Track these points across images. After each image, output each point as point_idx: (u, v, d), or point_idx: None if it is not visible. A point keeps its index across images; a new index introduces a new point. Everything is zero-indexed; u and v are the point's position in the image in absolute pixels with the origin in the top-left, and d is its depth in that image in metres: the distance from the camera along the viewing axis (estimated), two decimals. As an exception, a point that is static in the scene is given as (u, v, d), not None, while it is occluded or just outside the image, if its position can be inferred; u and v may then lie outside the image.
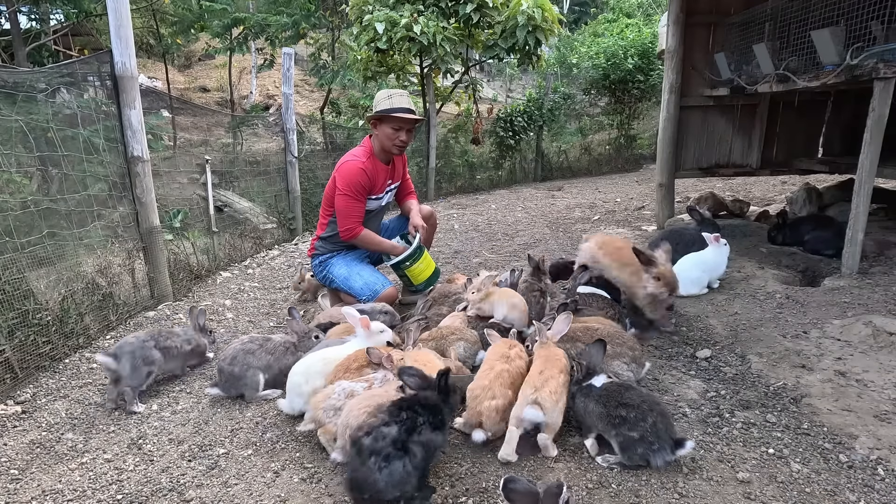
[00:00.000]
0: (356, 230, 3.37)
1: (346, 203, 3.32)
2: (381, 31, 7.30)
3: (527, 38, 7.76)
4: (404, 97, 3.35)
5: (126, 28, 3.52)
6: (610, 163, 11.51)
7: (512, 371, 2.14)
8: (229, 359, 2.55)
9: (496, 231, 6.09)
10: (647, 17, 16.90)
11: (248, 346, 2.63)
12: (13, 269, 2.89)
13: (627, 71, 10.82)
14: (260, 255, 5.54)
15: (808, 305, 3.17)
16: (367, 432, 1.70)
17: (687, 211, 4.58)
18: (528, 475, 1.92)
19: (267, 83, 17.91)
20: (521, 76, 20.18)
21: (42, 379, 2.88)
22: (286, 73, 6.34)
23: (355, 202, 3.33)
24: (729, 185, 8.14)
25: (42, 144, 3.28)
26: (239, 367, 2.54)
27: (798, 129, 5.41)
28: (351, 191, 3.30)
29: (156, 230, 3.84)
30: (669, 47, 4.95)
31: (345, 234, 3.38)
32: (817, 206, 5.15)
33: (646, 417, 1.88)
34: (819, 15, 3.47)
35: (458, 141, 10.10)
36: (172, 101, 9.51)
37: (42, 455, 2.24)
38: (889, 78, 3.08)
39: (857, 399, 2.25)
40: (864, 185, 3.35)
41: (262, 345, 2.66)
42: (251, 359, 2.57)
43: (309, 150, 7.78)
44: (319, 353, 2.46)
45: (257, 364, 2.58)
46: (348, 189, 3.30)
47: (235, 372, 2.53)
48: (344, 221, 3.36)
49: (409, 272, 3.44)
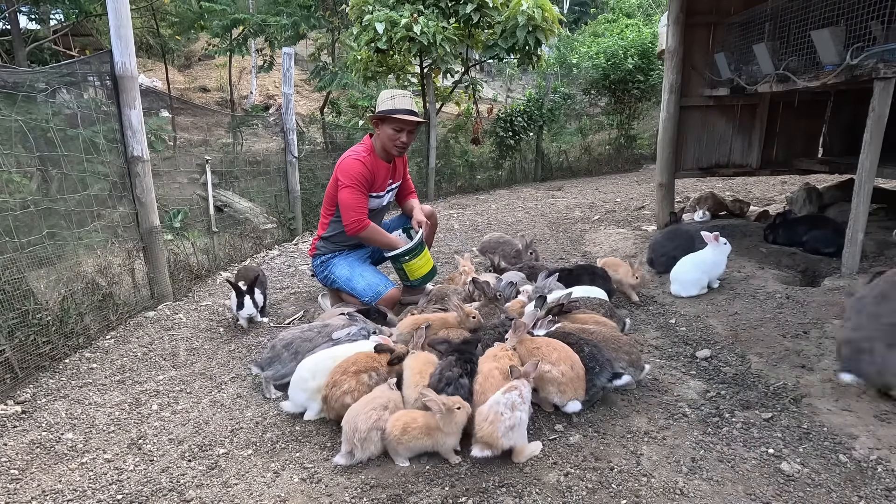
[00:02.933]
0: (364, 223, 3.29)
1: (350, 195, 3.27)
2: (381, 31, 7.30)
3: (527, 38, 7.76)
4: (406, 98, 3.34)
5: (126, 28, 3.52)
6: (610, 163, 11.51)
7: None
8: (286, 342, 2.64)
9: (496, 231, 6.09)
10: (647, 17, 16.90)
11: (307, 333, 2.70)
12: (13, 269, 2.88)
13: (627, 71, 10.82)
14: (260, 255, 5.54)
15: (809, 305, 3.17)
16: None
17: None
18: (527, 476, 1.92)
19: (267, 83, 17.91)
20: (521, 76, 20.18)
21: (42, 379, 2.88)
22: (286, 74, 6.34)
23: (359, 194, 3.29)
24: (729, 185, 8.14)
25: (42, 144, 3.28)
26: (290, 353, 2.60)
27: (798, 129, 5.41)
28: (354, 182, 3.26)
29: (156, 230, 3.84)
30: (669, 47, 4.95)
31: (352, 227, 3.29)
32: (817, 206, 5.15)
33: (582, 348, 2.30)
34: (819, 15, 3.47)
35: (458, 141, 10.10)
36: (172, 101, 9.50)
37: (42, 455, 2.24)
38: (889, 78, 3.07)
39: (857, 399, 2.25)
40: (864, 185, 3.35)
41: (320, 331, 2.71)
42: (307, 346, 2.64)
43: (309, 150, 7.77)
44: (330, 352, 2.46)
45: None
46: (351, 181, 3.26)
47: (284, 357, 2.59)
48: (349, 214, 3.27)
49: (406, 266, 3.41)
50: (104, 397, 2.68)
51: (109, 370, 2.99)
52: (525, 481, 1.89)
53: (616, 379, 2.26)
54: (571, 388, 2.20)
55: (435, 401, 1.95)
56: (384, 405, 2.08)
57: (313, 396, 2.34)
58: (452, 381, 2.13)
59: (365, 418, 2.01)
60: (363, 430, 1.99)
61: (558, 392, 2.20)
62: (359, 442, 1.99)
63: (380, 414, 2.04)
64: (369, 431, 1.99)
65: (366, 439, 1.99)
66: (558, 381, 2.20)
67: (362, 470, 2.01)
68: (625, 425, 2.20)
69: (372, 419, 2.01)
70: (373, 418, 2.02)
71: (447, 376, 2.15)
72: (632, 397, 2.39)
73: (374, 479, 1.94)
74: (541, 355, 2.29)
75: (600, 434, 2.15)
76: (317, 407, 2.36)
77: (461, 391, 2.10)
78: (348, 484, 1.93)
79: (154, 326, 3.59)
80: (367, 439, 1.99)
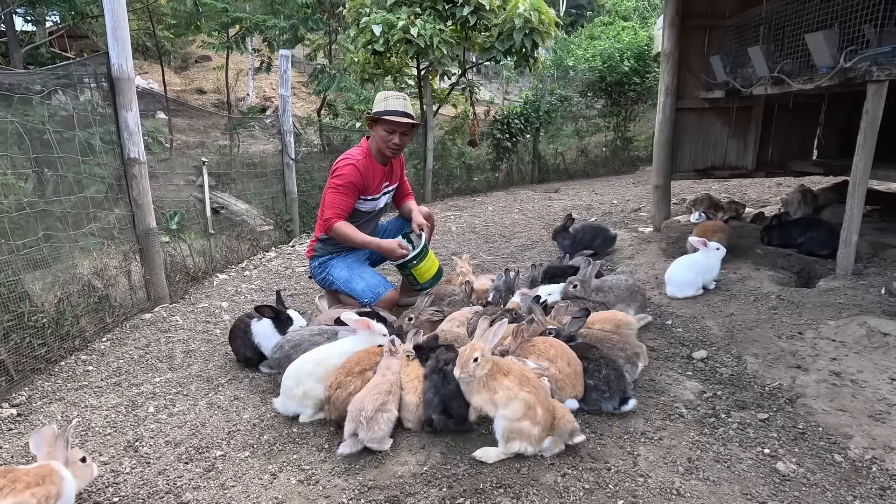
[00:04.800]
0: (332, 221, 3.29)
1: (332, 196, 3.33)
2: (378, 34, 7.31)
3: (524, 40, 7.78)
4: (400, 100, 3.34)
5: (123, 30, 3.51)
6: (606, 165, 11.53)
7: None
8: (294, 343, 2.68)
9: (493, 233, 6.11)
10: (642, 19, 16.96)
11: (317, 338, 2.72)
12: (8, 272, 2.87)
13: (623, 73, 10.86)
14: (257, 257, 5.53)
15: (804, 306, 3.18)
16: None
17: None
18: (525, 477, 1.92)
19: (264, 85, 17.90)
20: (518, 78, 20.23)
21: (38, 381, 2.87)
22: (283, 76, 6.34)
23: (342, 197, 3.32)
24: (725, 187, 8.18)
25: (38, 146, 3.27)
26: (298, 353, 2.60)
27: (793, 131, 5.44)
28: (340, 185, 3.30)
29: (152, 232, 3.83)
30: (665, 50, 4.98)
31: (322, 225, 3.37)
32: (812, 207, 5.18)
33: (600, 369, 2.27)
34: (813, 18, 3.50)
35: (455, 143, 10.10)
36: (169, 103, 9.47)
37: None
38: (882, 81, 3.10)
39: (852, 399, 2.26)
40: (858, 187, 3.37)
41: (329, 338, 2.72)
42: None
43: (306, 151, 7.75)
44: (311, 355, 2.48)
45: None
46: (338, 184, 3.31)
47: (294, 358, 2.58)
48: (324, 213, 3.35)
49: (415, 271, 3.44)
50: (100, 400, 2.67)
51: (105, 372, 2.98)
52: (522, 482, 1.89)
53: (624, 404, 2.25)
54: (569, 386, 2.20)
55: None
56: (388, 390, 2.17)
57: (302, 402, 2.36)
58: (450, 360, 2.15)
59: (372, 400, 2.10)
60: (370, 409, 2.07)
61: (556, 389, 2.20)
62: (364, 420, 2.05)
63: (385, 398, 2.12)
64: (376, 412, 2.06)
65: (372, 419, 2.05)
66: (555, 378, 2.20)
67: (360, 471, 2.01)
68: (622, 426, 2.21)
69: (379, 401, 2.10)
70: (379, 401, 2.10)
71: (443, 359, 2.19)
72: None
73: (371, 481, 1.94)
74: (537, 352, 2.30)
75: (597, 434, 2.16)
76: (310, 411, 2.37)
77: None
78: (346, 486, 1.93)
79: (150, 329, 3.58)
80: (374, 419, 2.05)
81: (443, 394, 2.12)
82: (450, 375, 2.10)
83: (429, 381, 2.19)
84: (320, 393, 2.32)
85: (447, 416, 2.10)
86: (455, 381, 2.07)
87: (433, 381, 2.17)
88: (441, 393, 2.12)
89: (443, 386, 2.13)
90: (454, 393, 2.09)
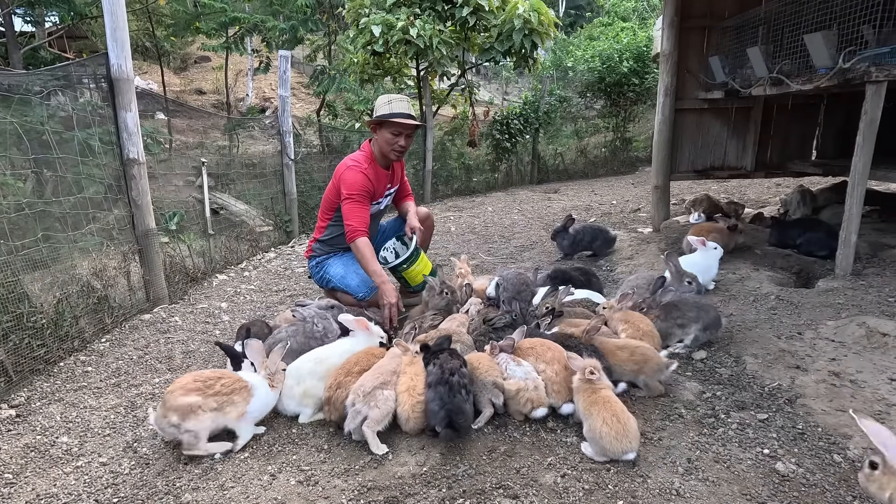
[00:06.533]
0: (359, 233, 3.27)
1: (352, 207, 3.31)
2: (377, 34, 7.31)
3: (523, 41, 7.78)
4: (404, 102, 3.36)
5: (122, 30, 3.51)
6: (606, 165, 11.54)
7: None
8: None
9: (493, 233, 6.11)
10: (642, 20, 16.99)
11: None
12: (7, 272, 2.87)
13: (623, 74, 10.87)
14: (256, 258, 5.53)
15: (803, 307, 3.19)
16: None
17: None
18: (525, 477, 1.92)
19: (263, 85, 17.90)
20: (518, 79, 20.27)
21: (36, 382, 2.86)
22: (282, 76, 6.34)
23: (362, 206, 3.33)
24: (724, 188, 8.18)
25: (37, 147, 3.27)
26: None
27: (792, 131, 5.45)
28: (356, 194, 3.30)
29: (151, 233, 3.83)
30: (664, 50, 4.99)
31: (349, 235, 3.32)
32: (811, 208, 5.19)
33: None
34: (812, 19, 3.51)
35: (454, 143, 10.10)
36: (168, 104, 9.46)
37: (37, 459, 2.23)
38: (881, 81, 3.11)
39: (851, 399, 2.26)
40: (857, 188, 3.38)
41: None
42: (314, 343, 2.70)
43: (305, 152, 7.75)
44: (311, 355, 2.49)
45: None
46: (354, 194, 3.30)
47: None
48: (350, 223, 3.30)
49: (406, 274, 3.50)
50: (99, 400, 2.67)
51: (104, 373, 2.98)
52: (522, 483, 1.89)
53: None
54: (566, 389, 2.20)
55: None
56: (393, 370, 2.27)
57: (302, 401, 2.36)
58: (455, 370, 2.14)
59: (372, 379, 2.18)
60: (369, 386, 2.14)
61: (553, 392, 2.20)
62: (362, 394, 2.12)
63: (387, 378, 2.20)
64: (374, 389, 2.13)
65: (370, 394, 2.12)
66: (552, 380, 2.20)
67: (359, 472, 2.01)
68: (621, 426, 2.21)
69: (379, 380, 2.18)
70: (380, 379, 2.19)
71: (448, 368, 2.15)
72: (628, 398, 2.40)
73: (370, 482, 1.94)
74: (535, 354, 2.30)
75: (597, 435, 2.16)
76: (309, 411, 2.37)
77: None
78: (345, 486, 1.93)
79: (150, 329, 3.58)
80: (371, 395, 2.12)
81: (449, 408, 2.04)
82: (455, 387, 2.06)
83: (433, 391, 2.10)
84: (320, 392, 2.32)
85: (452, 429, 2.03)
86: (460, 393, 2.05)
87: (438, 392, 2.08)
88: (447, 407, 2.04)
89: (449, 399, 2.05)
90: (460, 408, 2.04)
